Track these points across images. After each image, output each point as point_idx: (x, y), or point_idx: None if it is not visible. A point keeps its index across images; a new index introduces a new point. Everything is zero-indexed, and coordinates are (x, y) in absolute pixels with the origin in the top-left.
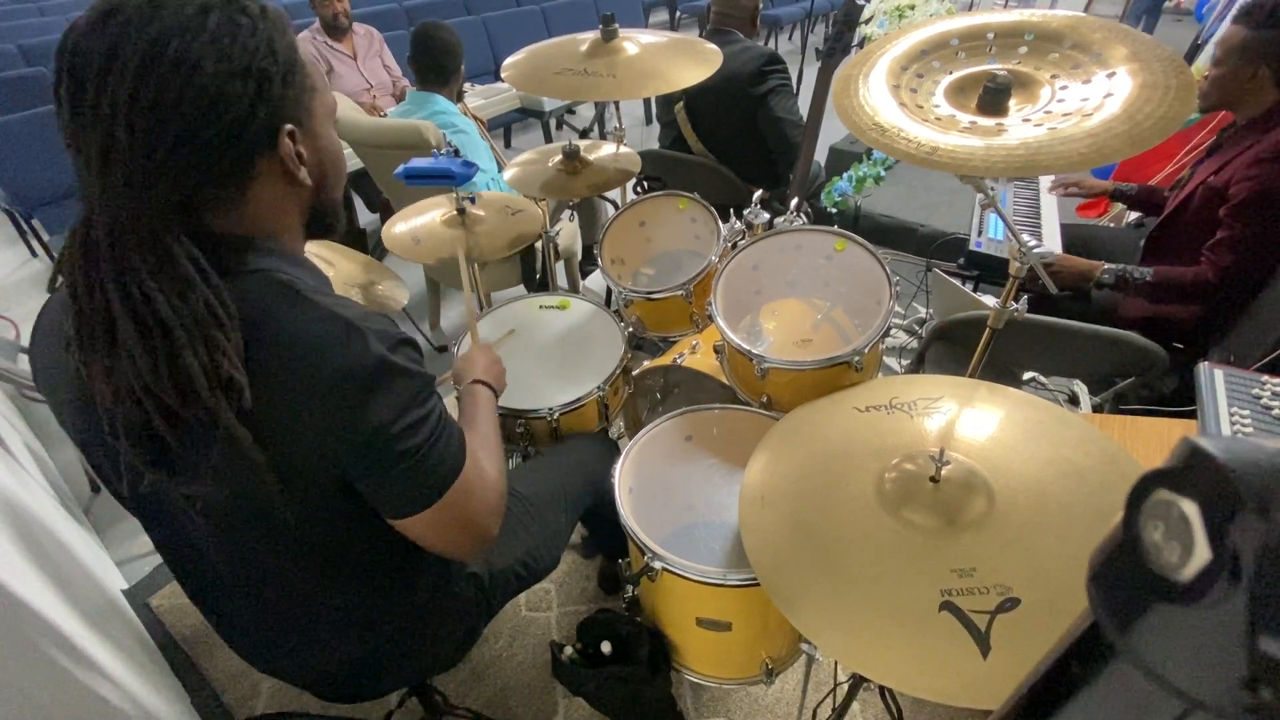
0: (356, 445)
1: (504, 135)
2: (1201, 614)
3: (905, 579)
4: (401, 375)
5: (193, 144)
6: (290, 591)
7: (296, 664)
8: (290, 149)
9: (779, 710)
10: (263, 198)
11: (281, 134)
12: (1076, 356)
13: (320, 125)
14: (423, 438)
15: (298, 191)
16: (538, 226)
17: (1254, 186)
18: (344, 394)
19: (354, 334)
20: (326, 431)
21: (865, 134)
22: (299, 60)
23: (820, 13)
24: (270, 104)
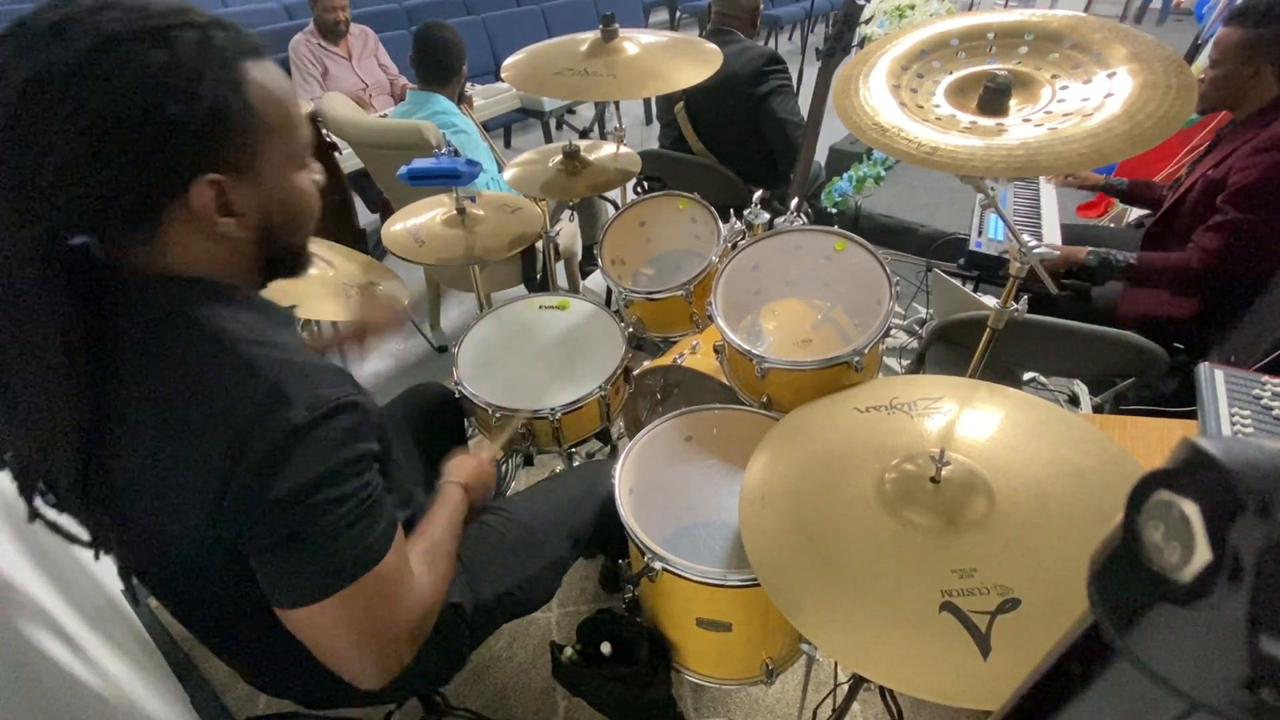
0: (253, 519)
1: (504, 135)
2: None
3: (905, 579)
4: (318, 448)
5: (68, 195)
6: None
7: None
8: (206, 201)
9: (779, 710)
10: (184, 243)
11: (197, 185)
12: (1076, 357)
13: (270, 170)
14: (333, 519)
15: (227, 241)
16: (538, 226)
17: (1253, 175)
18: (250, 463)
19: (274, 399)
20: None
21: (865, 134)
22: (242, 100)
23: (820, 13)
24: (177, 156)
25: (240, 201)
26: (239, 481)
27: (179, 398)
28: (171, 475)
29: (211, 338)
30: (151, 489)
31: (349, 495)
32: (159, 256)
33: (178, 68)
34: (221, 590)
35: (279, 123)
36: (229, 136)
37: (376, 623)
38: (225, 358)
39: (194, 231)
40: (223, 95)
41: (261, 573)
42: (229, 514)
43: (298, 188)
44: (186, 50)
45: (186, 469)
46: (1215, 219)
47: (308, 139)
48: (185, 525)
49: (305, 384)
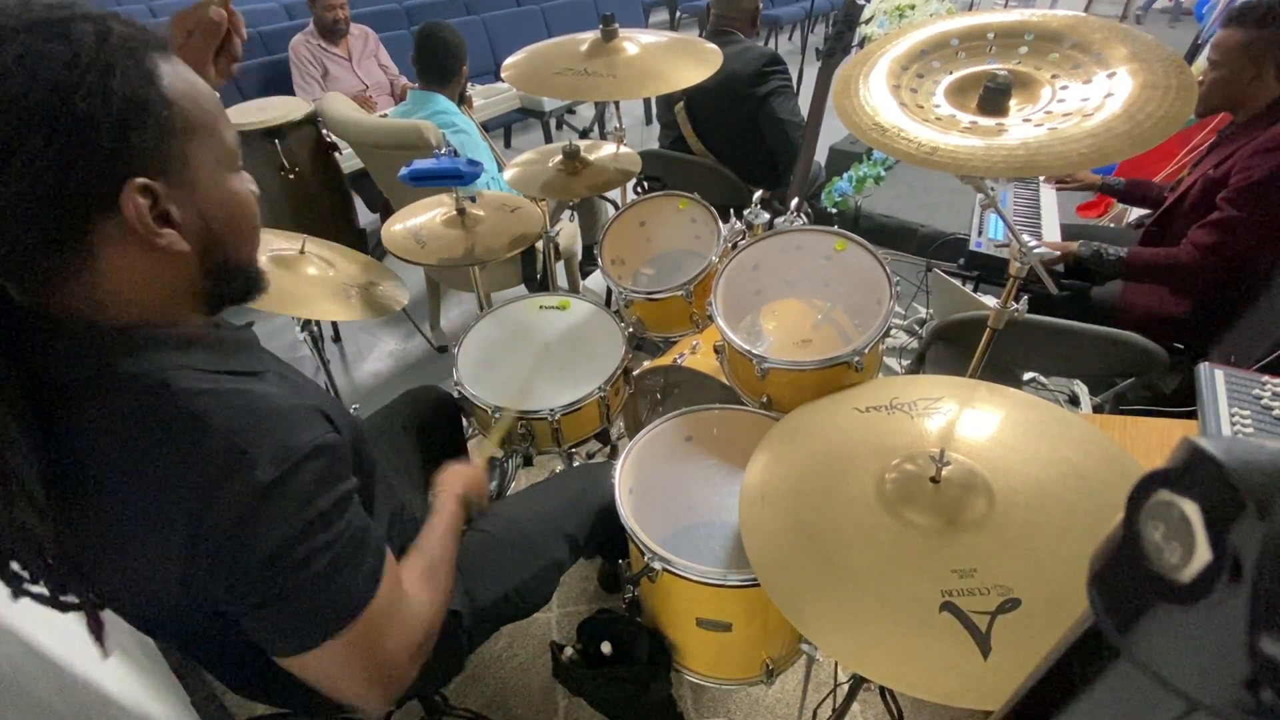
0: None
1: (504, 135)
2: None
3: (906, 579)
4: (289, 504)
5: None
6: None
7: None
8: (140, 208)
9: (779, 710)
10: (120, 270)
11: (127, 191)
12: (1076, 357)
13: (202, 173)
14: (316, 571)
15: (171, 260)
16: (538, 226)
17: (1254, 174)
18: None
19: (231, 457)
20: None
21: (865, 134)
22: (159, 96)
23: (820, 13)
24: (97, 158)
25: (178, 210)
26: (207, 548)
27: (130, 460)
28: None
29: (155, 393)
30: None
31: (329, 544)
32: (95, 292)
33: (80, 60)
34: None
35: (203, 121)
36: (151, 134)
37: (375, 656)
38: (174, 416)
39: (132, 251)
40: (137, 89)
41: (250, 628)
42: (202, 581)
43: (236, 192)
44: (87, 42)
45: (149, 535)
46: (1212, 216)
47: (236, 141)
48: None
49: (268, 435)
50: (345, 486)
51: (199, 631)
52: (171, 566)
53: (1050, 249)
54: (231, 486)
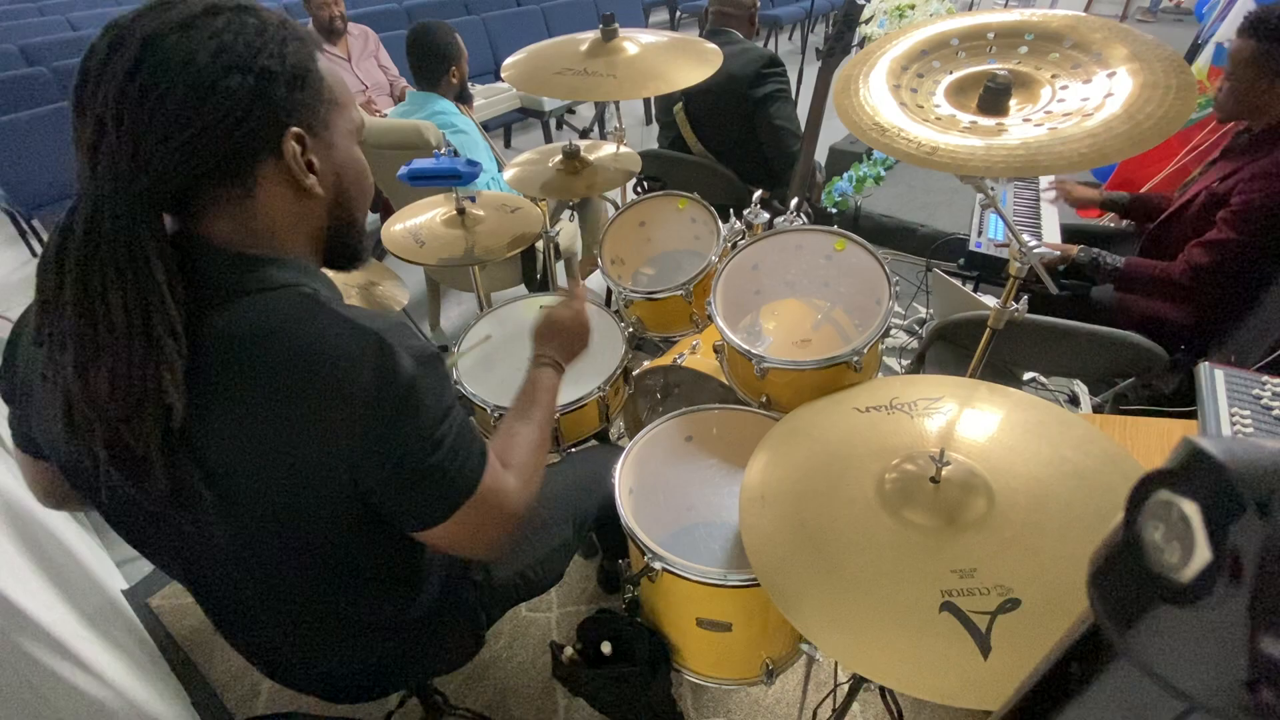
0: (382, 463)
1: (504, 135)
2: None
3: (906, 579)
4: (430, 395)
5: (181, 136)
6: (294, 598)
7: (301, 669)
8: (295, 152)
9: (779, 710)
10: (271, 204)
11: (287, 136)
12: (1077, 357)
13: (339, 138)
14: (443, 454)
15: (309, 204)
16: (538, 226)
17: (1255, 198)
18: (377, 414)
19: (386, 351)
20: (358, 445)
21: (865, 134)
22: (316, 70)
23: (820, 13)
24: (271, 103)
25: (320, 161)
26: (371, 428)
27: (289, 355)
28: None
29: (307, 299)
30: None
31: (453, 428)
32: (249, 221)
33: (267, 31)
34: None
35: (343, 97)
36: (308, 97)
37: (488, 521)
38: (330, 316)
39: (282, 190)
40: (304, 59)
41: (389, 508)
42: (369, 460)
43: (360, 159)
44: (271, 21)
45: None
46: (1209, 236)
47: (361, 121)
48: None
49: (401, 337)
50: (453, 386)
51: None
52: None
53: (1050, 249)
54: (389, 375)
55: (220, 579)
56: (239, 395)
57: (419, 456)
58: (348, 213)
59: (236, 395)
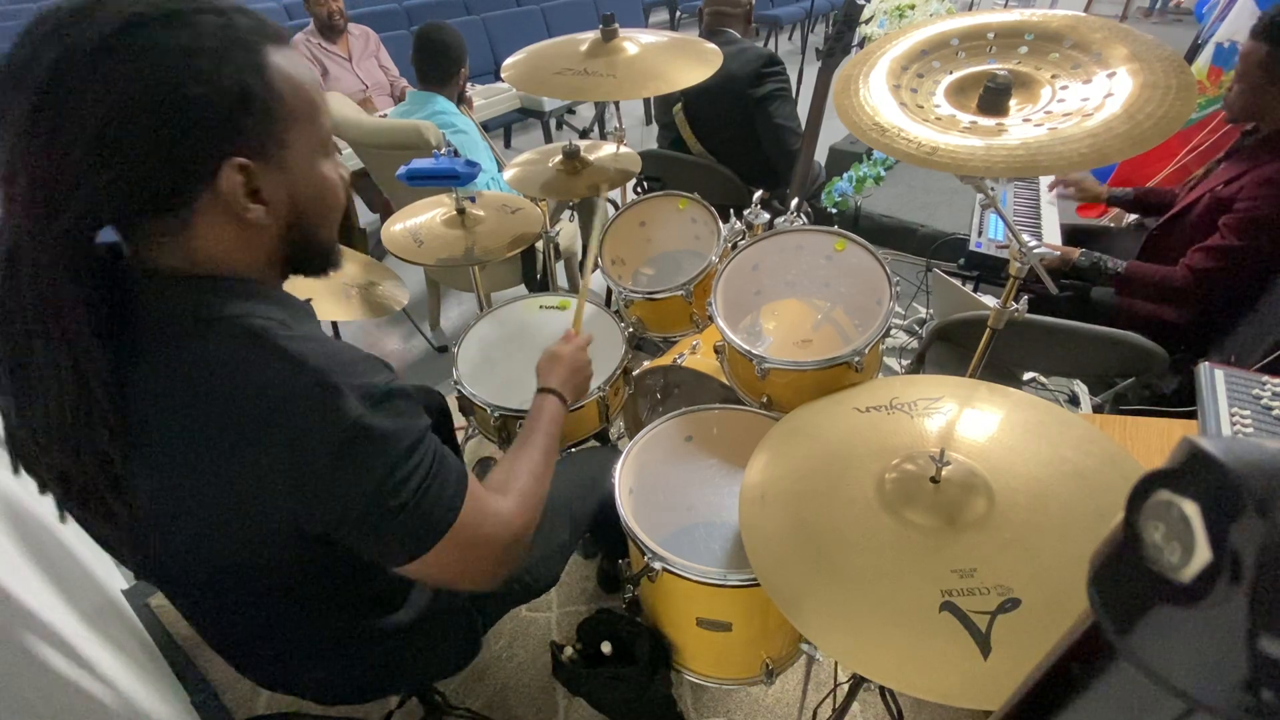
0: (334, 508)
1: (504, 135)
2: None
3: (906, 579)
4: (380, 439)
5: (97, 181)
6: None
7: (290, 681)
8: (235, 185)
9: (779, 710)
10: (212, 236)
11: (225, 168)
12: (1076, 357)
13: (296, 158)
14: (410, 491)
15: (257, 232)
16: (538, 226)
17: (1260, 206)
18: (319, 460)
19: (328, 392)
20: (301, 494)
21: (865, 134)
22: (267, 85)
23: (820, 13)
24: (203, 134)
25: (268, 189)
26: (314, 478)
27: (222, 397)
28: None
29: (250, 334)
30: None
31: (417, 466)
32: (188, 250)
33: (200, 49)
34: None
35: (303, 109)
36: (253, 120)
37: (474, 554)
38: (269, 353)
39: (223, 221)
40: (245, 78)
41: (360, 548)
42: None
43: (325, 177)
44: (208, 33)
45: (243, 470)
46: (1211, 241)
47: (330, 129)
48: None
49: (353, 375)
50: (423, 421)
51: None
52: (273, 499)
53: (1050, 250)
54: (328, 419)
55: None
56: (174, 441)
57: (373, 501)
58: (304, 234)
59: (171, 441)
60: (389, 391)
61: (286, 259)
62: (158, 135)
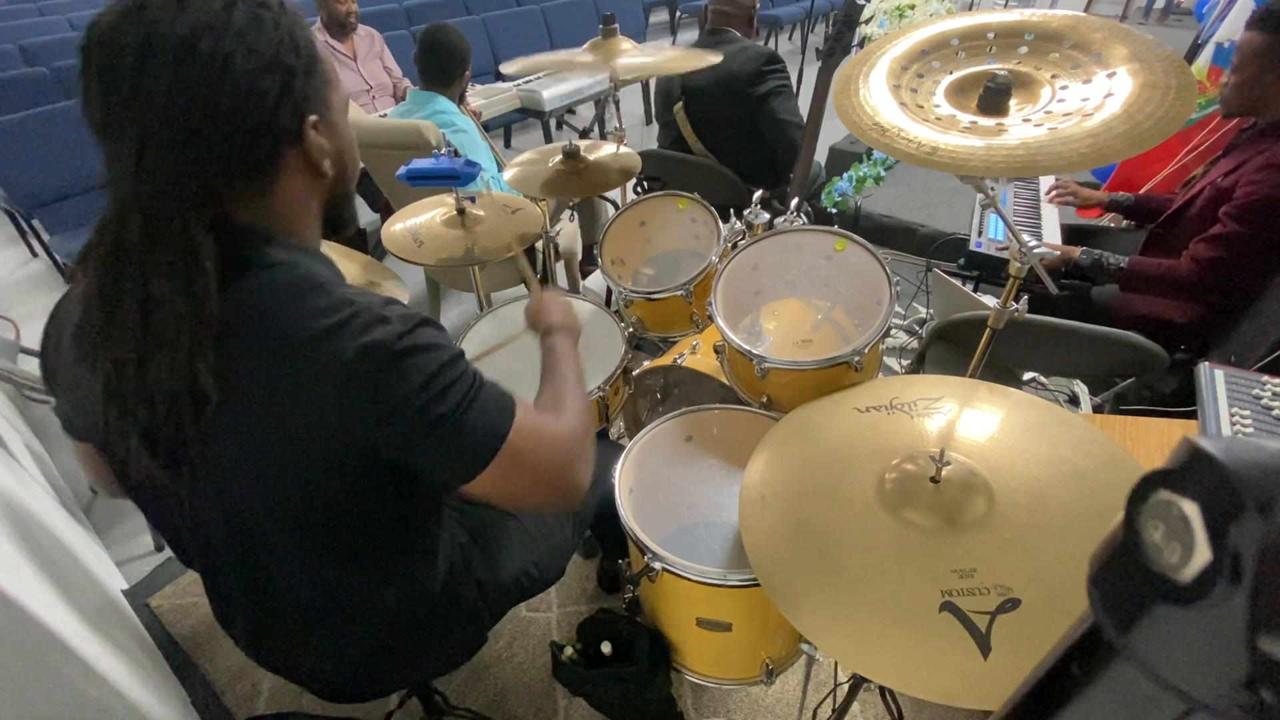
0: (385, 424)
1: (504, 135)
2: (1202, 614)
3: (906, 579)
4: (422, 350)
5: (228, 139)
6: (302, 575)
7: (300, 658)
8: (316, 140)
9: (779, 710)
10: (288, 190)
11: (306, 125)
12: (1077, 357)
13: (338, 116)
14: (453, 403)
15: (319, 183)
16: (538, 226)
17: (1259, 190)
18: (364, 376)
19: (372, 320)
20: (352, 415)
21: (865, 134)
22: (318, 53)
23: (820, 13)
24: (295, 97)
25: (328, 141)
26: (362, 394)
27: (277, 326)
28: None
29: (300, 278)
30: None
31: (457, 380)
32: (269, 205)
33: (281, 24)
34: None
35: (333, 74)
36: (317, 81)
37: (535, 467)
38: (317, 291)
39: (302, 178)
40: (311, 46)
41: (422, 468)
42: (363, 427)
43: (349, 135)
44: (276, 8)
45: (303, 399)
46: (1214, 230)
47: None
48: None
49: (390, 310)
50: (454, 346)
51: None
52: (328, 413)
53: (1051, 250)
54: (378, 337)
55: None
56: (239, 376)
57: (425, 409)
58: (345, 185)
59: (238, 375)
60: (424, 320)
61: (328, 214)
62: (268, 101)
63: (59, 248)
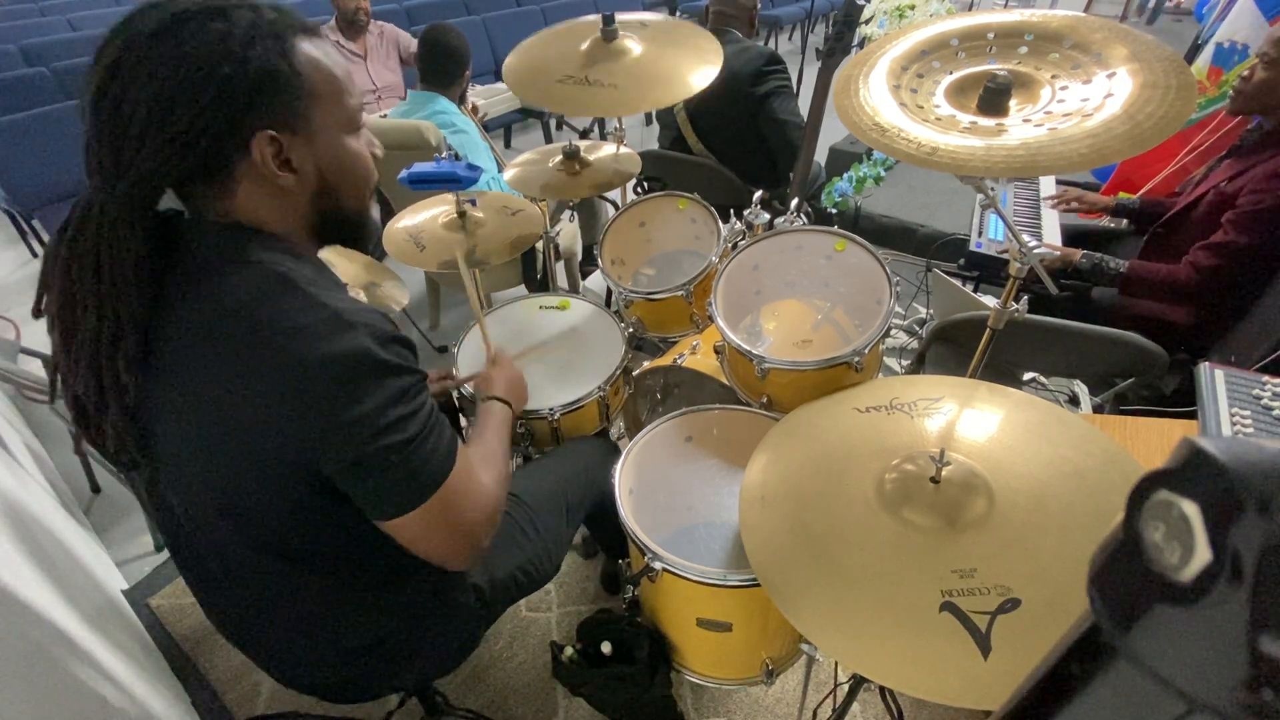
0: (334, 438)
1: (504, 135)
2: (1202, 615)
3: (906, 579)
4: (388, 372)
5: (150, 145)
6: (275, 588)
7: (291, 664)
8: (264, 154)
9: (779, 710)
10: (252, 198)
11: (256, 140)
12: (1076, 357)
13: (323, 133)
14: (409, 435)
15: (290, 197)
16: (538, 227)
17: (1264, 199)
18: (324, 383)
19: (341, 326)
20: (304, 421)
21: (865, 134)
22: (291, 68)
23: (820, 13)
24: (235, 109)
25: (297, 158)
26: (318, 402)
27: (242, 325)
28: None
29: (277, 276)
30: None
31: (416, 411)
32: (232, 210)
33: (232, 36)
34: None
35: (327, 90)
36: (279, 97)
37: (462, 520)
38: (292, 292)
39: (260, 186)
40: (271, 60)
41: (354, 492)
42: (311, 436)
43: (351, 150)
44: (240, 23)
45: (253, 396)
46: (1215, 238)
47: (358, 108)
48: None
49: (363, 318)
50: (421, 372)
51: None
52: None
53: (1050, 250)
54: (341, 347)
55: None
56: (195, 368)
57: (378, 435)
58: (333, 202)
59: (193, 369)
60: (396, 337)
61: (318, 226)
62: (197, 107)
63: None
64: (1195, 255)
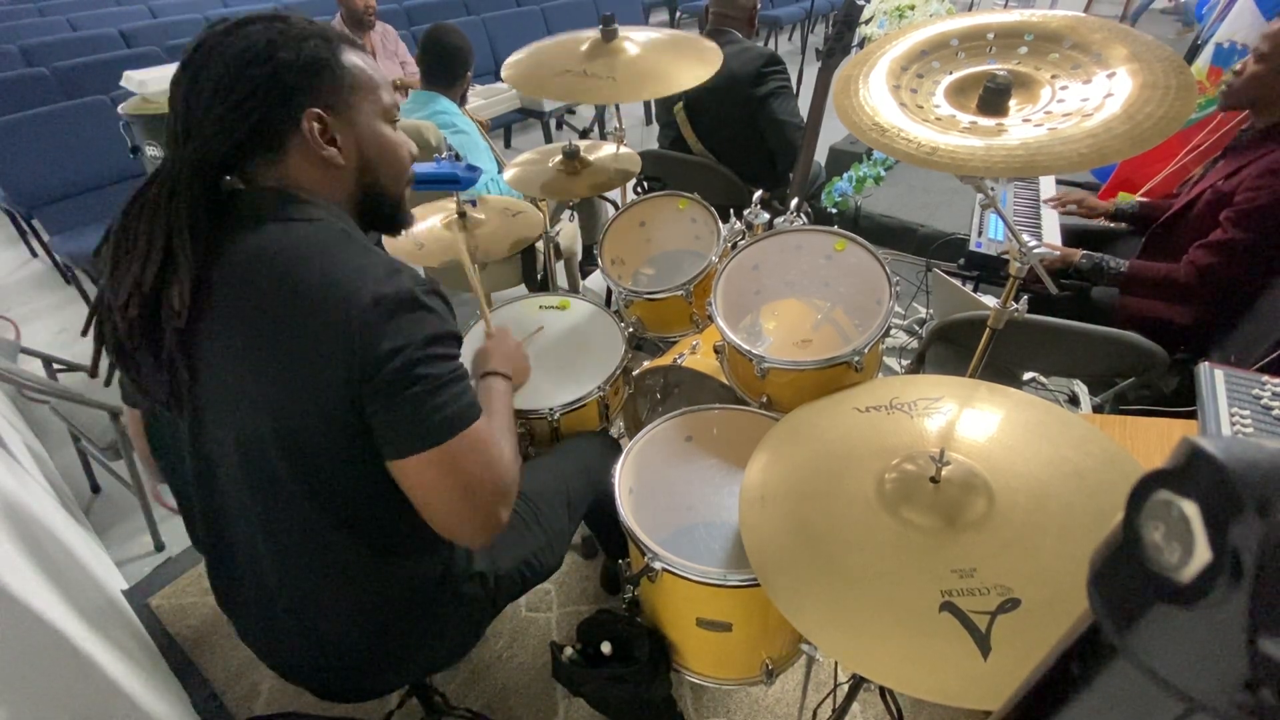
0: (372, 370)
1: (504, 135)
2: (1202, 615)
3: (905, 579)
4: (430, 313)
5: (215, 113)
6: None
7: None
8: (311, 128)
9: (779, 710)
10: (303, 168)
11: (305, 116)
12: (1076, 357)
13: (363, 118)
14: (438, 372)
15: (335, 170)
16: (538, 228)
17: (1260, 196)
18: (373, 314)
19: (394, 271)
20: (349, 352)
21: (865, 134)
22: (335, 61)
23: (820, 13)
24: (286, 88)
25: (341, 137)
26: (363, 330)
27: (310, 267)
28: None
29: (339, 230)
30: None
31: (448, 358)
32: (287, 178)
33: (289, 32)
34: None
35: (366, 83)
36: (325, 82)
37: (475, 477)
38: (351, 242)
39: (308, 159)
40: (321, 52)
41: (377, 426)
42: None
43: (386, 135)
44: (296, 24)
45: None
46: (1214, 236)
47: (394, 104)
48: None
49: (411, 271)
50: (456, 332)
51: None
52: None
53: (1050, 250)
54: (390, 286)
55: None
56: (250, 305)
57: (413, 364)
58: (374, 179)
59: (248, 305)
60: (438, 291)
61: (361, 204)
62: (255, 82)
63: (59, 248)
64: (1194, 254)
